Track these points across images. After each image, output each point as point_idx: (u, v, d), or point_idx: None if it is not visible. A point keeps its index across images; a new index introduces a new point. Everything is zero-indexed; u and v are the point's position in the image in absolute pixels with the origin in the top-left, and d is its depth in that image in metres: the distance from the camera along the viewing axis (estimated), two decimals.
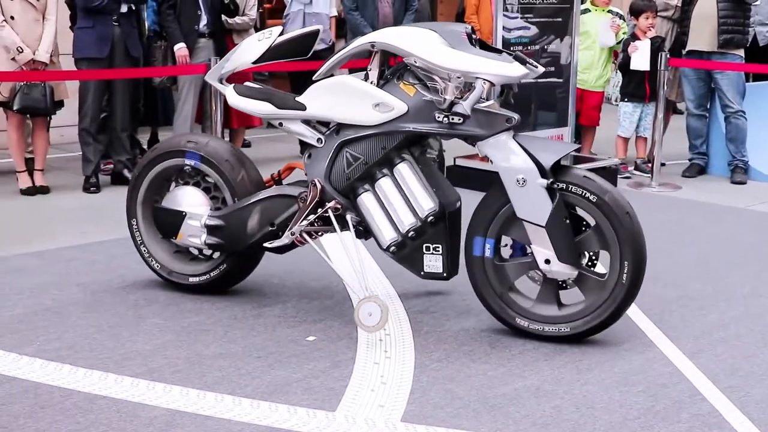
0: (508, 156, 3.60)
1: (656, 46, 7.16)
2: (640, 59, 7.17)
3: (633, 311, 4.10)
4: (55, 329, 3.78)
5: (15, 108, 6.17)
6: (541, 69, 3.76)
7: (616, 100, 7.79)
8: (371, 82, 3.78)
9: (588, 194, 3.58)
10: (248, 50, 4.06)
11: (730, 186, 7.08)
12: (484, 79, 3.51)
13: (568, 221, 3.59)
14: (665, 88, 6.98)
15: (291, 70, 7.38)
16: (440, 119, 3.62)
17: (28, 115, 6.36)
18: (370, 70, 3.80)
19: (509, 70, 3.56)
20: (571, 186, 3.60)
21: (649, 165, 7.20)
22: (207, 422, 3.00)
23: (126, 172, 6.45)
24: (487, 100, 3.65)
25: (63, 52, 6.56)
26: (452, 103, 3.56)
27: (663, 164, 7.24)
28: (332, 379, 3.35)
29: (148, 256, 4.25)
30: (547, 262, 3.62)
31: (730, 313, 4.15)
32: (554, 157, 3.58)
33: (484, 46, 3.71)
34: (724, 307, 4.23)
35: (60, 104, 6.52)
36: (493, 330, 3.80)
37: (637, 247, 3.58)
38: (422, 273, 3.81)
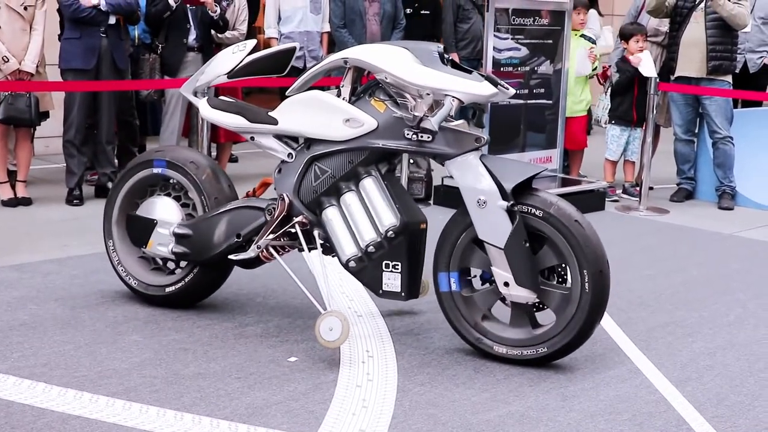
0: (472, 176, 3.58)
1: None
2: (647, 67, 7.15)
3: (619, 337, 4.07)
4: (31, 345, 3.70)
5: None
6: (512, 91, 3.74)
7: (605, 123, 7.76)
8: (343, 98, 3.76)
9: (534, 210, 3.55)
10: (222, 63, 4.04)
11: (717, 211, 7.07)
12: (453, 97, 3.49)
13: (527, 245, 3.53)
14: (654, 112, 6.98)
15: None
16: (409, 136, 3.60)
17: (12, 126, 6.29)
18: (342, 86, 3.78)
19: (479, 88, 3.54)
20: (530, 208, 3.55)
21: (637, 189, 7.18)
22: None
23: (110, 185, 6.38)
24: (456, 119, 3.62)
25: (49, 63, 6.50)
26: (421, 120, 3.53)
27: (651, 188, 7.23)
28: (313, 402, 3.29)
29: (125, 274, 4.20)
30: (506, 284, 3.58)
31: (717, 341, 4.11)
32: (516, 179, 3.54)
33: (456, 66, 3.68)
34: (711, 334, 4.20)
35: (45, 115, 6.46)
36: (478, 354, 3.75)
37: (593, 255, 3.50)
38: (380, 291, 3.75)
